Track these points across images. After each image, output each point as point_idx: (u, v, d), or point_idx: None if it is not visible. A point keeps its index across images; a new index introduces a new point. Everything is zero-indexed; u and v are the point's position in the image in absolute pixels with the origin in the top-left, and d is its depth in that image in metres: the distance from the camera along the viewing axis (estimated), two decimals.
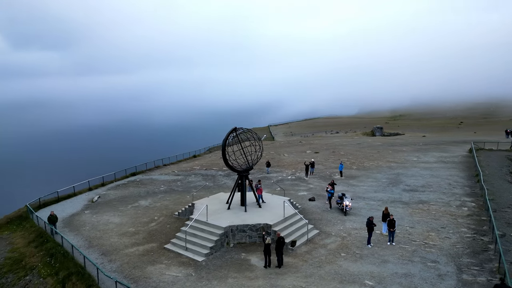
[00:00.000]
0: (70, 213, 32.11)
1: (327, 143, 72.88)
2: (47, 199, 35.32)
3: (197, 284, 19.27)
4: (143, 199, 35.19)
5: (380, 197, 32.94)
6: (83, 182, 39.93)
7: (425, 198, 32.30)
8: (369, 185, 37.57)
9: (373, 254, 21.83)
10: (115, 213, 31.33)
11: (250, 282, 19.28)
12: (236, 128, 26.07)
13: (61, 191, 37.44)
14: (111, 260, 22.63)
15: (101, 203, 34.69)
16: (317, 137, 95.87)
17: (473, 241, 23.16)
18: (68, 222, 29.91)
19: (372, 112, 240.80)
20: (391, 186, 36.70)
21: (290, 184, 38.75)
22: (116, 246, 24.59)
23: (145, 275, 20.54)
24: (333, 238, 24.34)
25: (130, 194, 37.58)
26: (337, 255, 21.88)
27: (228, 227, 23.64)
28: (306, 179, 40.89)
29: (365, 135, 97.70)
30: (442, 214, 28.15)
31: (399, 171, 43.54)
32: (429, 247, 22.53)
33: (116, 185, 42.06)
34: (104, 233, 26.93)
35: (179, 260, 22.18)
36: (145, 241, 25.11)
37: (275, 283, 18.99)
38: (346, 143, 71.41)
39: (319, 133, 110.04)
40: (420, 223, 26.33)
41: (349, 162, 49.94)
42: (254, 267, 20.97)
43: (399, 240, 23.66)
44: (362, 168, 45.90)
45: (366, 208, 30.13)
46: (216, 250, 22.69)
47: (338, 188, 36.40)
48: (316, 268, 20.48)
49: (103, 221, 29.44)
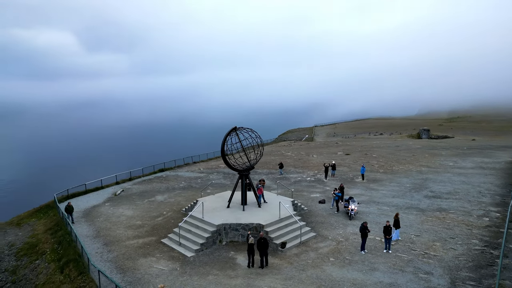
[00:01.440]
0: (92, 205, 34.25)
1: (363, 145, 70.47)
2: (75, 191, 37.95)
3: (178, 279, 19.75)
4: (160, 194, 36.58)
5: (396, 203, 31.33)
6: (111, 176, 42.34)
7: (445, 206, 30.20)
8: (389, 189, 35.86)
9: (364, 261, 20.91)
10: (130, 206, 32.91)
11: (229, 280, 19.38)
12: (236, 128, 26.21)
13: (91, 183, 40.03)
14: (110, 250, 23.87)
15: (122, 197, 36.60)
16: (358, 138, 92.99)
17: (481, 254, 21.31)
18: (87, 213, 31.96)
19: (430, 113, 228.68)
20: (413, 192, 34.74)
21: (306, 186, 38.13)
22: (120, 237, 25.88)
23: (135, 266, 21.43)
24: (328, 242, 23.64)
25: (151, 189, 39.24)
26: (325, 260, 21.25)
27: (221, 225, 23.90)
28: (325, 181, 39.96)
29: (410, 137, 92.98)
30: (458, 223, 26.18)
31: (428, 176, 41.05)
32: (428, 257, 21.10)
33: (143, 180, 44.10)
34: (114, 225, 28.45)
35: (170, 254, 22.85)
36: (146, 234, 26.15)
37: (252, 283, 18.92)
38: (384, 146, 68.52)
39: (362, 134, 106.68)
40: (428, 232, 24.71)
41: (377, 165, 47.98)
42: (237, 266, 21.03)
43: (397, 248, 22.43)
44: (389, 172, 43.86)
45: (376, 213, 28.85)
46: (207, 247, 23.05)
47: (356, 191, 35.31)
48: (299, 271, 20.06)
49: (117, 214, 31.08)
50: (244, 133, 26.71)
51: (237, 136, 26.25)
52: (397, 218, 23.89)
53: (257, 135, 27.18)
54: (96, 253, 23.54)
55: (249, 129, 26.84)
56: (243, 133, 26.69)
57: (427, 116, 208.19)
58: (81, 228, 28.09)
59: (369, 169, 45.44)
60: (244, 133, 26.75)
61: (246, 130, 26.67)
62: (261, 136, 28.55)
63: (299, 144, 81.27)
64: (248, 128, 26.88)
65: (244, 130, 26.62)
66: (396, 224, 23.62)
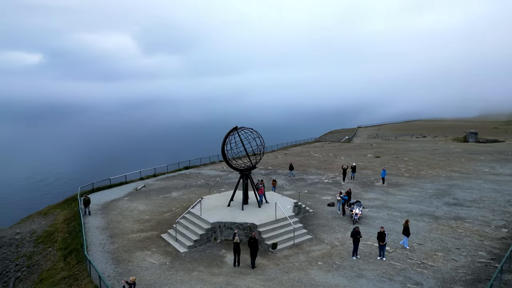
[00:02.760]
0: (112, 199, 36.11)
1: (399, 148, 67.52)
2: (100, 185, 40.22)
3: (164, 273, 20.33)
4: (176, 191, 37.71)
5: (410, 209, 29.81)
6: (135, 172, 44.32)
7: (464, 215, 28.25)
8: (408, 194, 34.16)
9: (352, 267, 20.20)
10: (145, 201, 34.28)
11: (211, 277, 19.63)
12: (237, 127, 26.37)
13: (116, 178, 42.23)
14: (113, 242, 25.09)
15: (141, 192, 38.23)
16: (397, 140, 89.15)
17: (484, 267, 19.75)
18: (105, 206, 33.76)
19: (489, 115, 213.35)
20: (434, 198, 32.83)
21: (321, 188, 37.39)
22: (125, 230, 27.11)
23: (130, 258, 22.36)
24: (322, 246, 23.10)
25: (170, 185, 40.56)
26: (313, 263, 20.80)
27: (216, 223, 24.20)
28: (342, 183, 38.90)
29: (455, 140, 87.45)
30: (470, 233, 24.41)
31: (456, 182, 38.54)
32: (424, 267, 19.93)
33: (166, 176, 45.68)
34: (124, 218, 29.83)
35: (165, 249, 23.56)
36: (150, 229, 27.15)
37: (232, 282, 19.01)
38: (421, 149, 65.17)
39: (404, 136, 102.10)
40: (433, 241, 23.29)
41: (405, 169, 45.83)
42: (224, 264, 21.21)
43: (394, 256, 21.40)
44: (415, 177, 41.73)
45: (384, 218, 27.67)
46: (200, 244, 23.48)
47: (371, 195, 34.19)
48: (282, 273, 19.83)
49: (131, 208, 32.52)
50: (245, 133, 26.77)
51: (238, 136, 26.39)
52: (406, 225, 22.76)
53: (258, 135, 27.14)
54: (99, 243, 24.87)
55: (250, 129, 26.89)
56: (244, 132, 26.78)
57: (486, 118, 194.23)
58: (95, 219, 29.78)
59: (394, 173, 43.57)
60: (246, 133, 26.82)
61: (247, 130, 26.74)
62: (299, 137, 28.52)
63: (332, 145, 79.61)
64: (249, 128, 26.95)
65: (245, 130, 26.70)
66: (405, 231, 22.51)
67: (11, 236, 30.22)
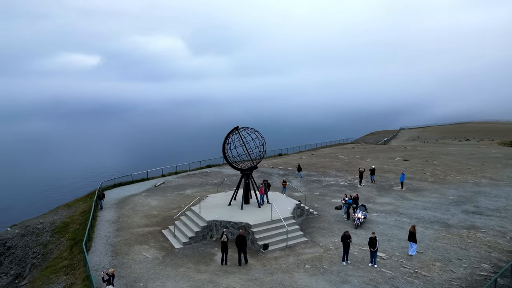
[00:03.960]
0: (130, 194, 37.65)
1: (433, 151, 64.21)
2: (122, 181, 42.09)
3: (154, 267, 20.94)
4: (191, 188, 38.57)
5: (422, 215, 28.38)
6: (157, 169, 45.85)
7: (479, 224, 26.46)
8: (425, 201, 32.51)
9: (339, 272, 19.64)
10: (159, 198, 35.41)
11: (196, 274, 19.94)
12: (238, 127, 26.51)
13: (138, 174, 43.95)
14: (118, 235, 26.22)
15: (159, 189, 39.51)
16: (437, 143, 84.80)
17: (482, 281, 18.43)
18: (122, 200, 35.31)
19: None
20: (452, 205, 31.00)
21: (335, 190, 36.53)
22: (132, 224, 28.21)
23: (127, 252, 23.26)
24: (316, 249, 22.65)
25: (188, 183, 41.54)
26: (300, 266, 20.47)
27: (212, 221, 24.51)
28: (358, 187, 37.75)
29: (501, 144, 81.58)
30: (480, 244, 22.84)
31: (483, 188, 36.08)
32: (416, 277, 18.96)
33: (187, 174, 46.83)
34: (135, 213, 31.04)
35: (162, 244, 24.24)
36: (155, 224, 28.03)
37: (215, 280, 19.20)
38: (456, 152, 61.55)
39: (446, 139, 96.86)
40: (436, 250, 22.06)
41: (431, 173, 43.59)
42: (213, 262, 21.43)
43: (387, 263, 20.54)
44: (439, 182, 39.56)
45: (389, 224, 26.59)
46: (195, 241, 23.90)
47: (385, 200, 33.07)
48: (267, 274, 19.71)
49: (144, 203, 33.75)
50: (248, 133, 26.84)
51: (239, 136, 26.52)
52: (413, 230, 21.80)
53: (259, 135, 27.10)
54: (105, 236, 26.10)
55: (251, 129, 26.92)
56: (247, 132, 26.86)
57: None
58: (108, 213, 31.26)
59: (418, 178, 41.59)
60: (249, 133, 26.89)
61: (248, 130, 26.80)
62: (338, 137, 28.43)
63: (364, 147, 77.32)
64: (250, 128, 26.99)
65: (247, 130, 26.77)
66: (411, 237, 21.57)
67: (35, 226, 32.49)
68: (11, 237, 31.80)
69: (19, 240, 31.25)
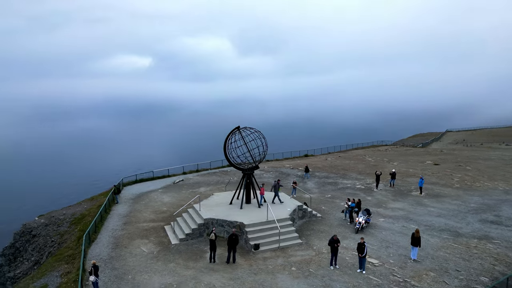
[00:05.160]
0: (148, 190, 39.07)
1: (472, 155, 60.45)
2: (143, 177, 43.77)
3: (147, 261, 21.66)
4: (205, 187, 39.29)
5: (433, 223, 26.96)
6: (178, 166, 47.15)
7: (494, 234, 24.70)
8: (443, 207, 30.80)
9: (324, 276, 19.20)
10: (173, 194, 36.45)
11: (182, 270, 20.37)
12: (239, 127, 26.65)
13: (160, 171, 45.54)
14: (124, 228, 27.37)
15: (177, 186, 40.66)
16: (481, 147, 79.63)
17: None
18: (138, 196, 36.73)
19: None
20: (471, 213, 29.15)
21: (348, 193, 35.55)
22: (139, 219, 29.31)
23: (127, 245, 24.24)
24: (308, 252, 22.28)
25: (204, 181, 42.34)
26: (286, 268, 20.26)
27: (209, 219, 24.88)
28: (375, 190, 36.49)
29: None
30: (486, 255, 21.34)
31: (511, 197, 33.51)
32: (403, 286, 18.12)
33: (208, 172, 47.73)
34: (146, 208, 32.21)
35: (161, 239, 24.98)
36: (161, 219, 28.91)
37: (198, 277, 19.51)
38: (496, 157, 57.52)
39: (491, 143, 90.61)
40: (435, 259, 20.90)
41: (459, 179, 41.17)
42: (202, 259, 21.73)
43: (377, 270, 19.78)
44: (465, 188, 37.27)
45: (394, 230, 25.52)
46: (192, 238, 24.38)
47: (397, 205, 31.92)
48: (250, 274, 19.71)
49: (158, 199, 34.91)
50: (249, 133, 26.93)
51: (240, 136, 26.67)
52: (418, 235, 20.93)
53: (260, 136, 27.07)
54: (112, 229, 27.37)
55: (253, 129, 26.95)
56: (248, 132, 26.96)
57: None
58: (121, 207, 32.72)
59: (443, 183, 39.42)
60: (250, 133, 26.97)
61: (250, 130, 26.87)
62: (378, 138, 28.19)
63: (398, 149, 74.36)
64: (252, 128, 27.03)
65: (248, 130, 26.86)
66: (415, 241, 20.74)
67: (57, 216, 34.72)
68: (37, 226, 34.26)
69: (43, 229, 33.56)
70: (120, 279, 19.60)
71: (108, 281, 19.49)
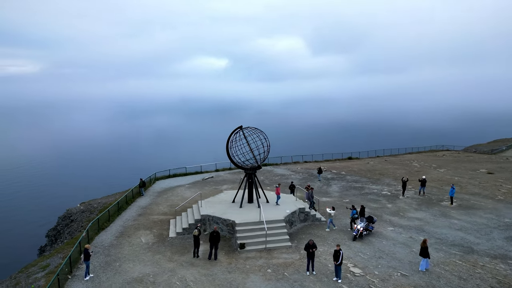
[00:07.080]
0: (177, 185, 40.97)
1: None
2: (176, 172, 45.92)
3: (140, 251, 22.92)
4: (228, 184, 40.05)
5: (447, 236, 24.67)
6: (211, 164, 48.60)
7: (511, 253, 21.92)
8: (469, 220, 27.95)
9: (296, 281, 18.71)
10: (196, 190, 37.72)
11: (166, 263, 21.18)
12: (241, 127, 26.83)
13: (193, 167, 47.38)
14: (136, 219, 29.18)
15: (204, 182, 42.02)
16: None
17: None
18: (165, 190, 38.72)
19: None
20: (500, 229, 26.12)
21: (368, 199, 33.79)
22: (154, 211, 30.98)
23: (131, 234, 25.86)
24: (293, 255, 21.81)
25: (231, 179, 43.14)
26: (262, 269, 20.09)
27: (206, 215, 25.50)
28: (400, 197, 34.16)
29: None
30: (489, 276, 19.11)
31: None
32: None
33: (238, 171, 48.46)
34: (165, 201, 33.89)
35: (161, 232, 26.19)
36: (171, 213, 30.20)
37: (176, 270, 20.20)
38: None
39: None
40: (425, 275, 19.24)
41: (507, 190, 36.88)
42: (188, 254, 22.32)
43: (355, 280, 18.77)
44: (509, 201, 33.26)
45: (397, 241, 23.86)
46: (188, 232, 25.17)
47: (418, 215, 29.84)
48: (225, 272, 19.90)
49: (180, 194, 36.48)
50: (252, 133, 27.03)
51: (243, 135, 26.89)
52: (424, 245, 19.72)
53: (263, 136, 26.96)
54: (126, 219, 29.35)
55: (255, 129, 26.95)
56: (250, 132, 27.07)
57: None
58: (144, 200, 34.81)
59: (486, 194, 35.62)
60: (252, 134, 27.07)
61: (252, 130, 26.94)
62: (449, 142, 27.74)
63: (455, 155, 68.18)
64: (254, 128, 27.04)
65: (251, 130, 26.95)
66: (423, 252, 19.59)
67: (93, 204, 38.04)
68: (76, 212, 37.91)
69: (79, 215, 37.03)
70: (108, 265, 21.08)
71: (98, 265, 21.08)
